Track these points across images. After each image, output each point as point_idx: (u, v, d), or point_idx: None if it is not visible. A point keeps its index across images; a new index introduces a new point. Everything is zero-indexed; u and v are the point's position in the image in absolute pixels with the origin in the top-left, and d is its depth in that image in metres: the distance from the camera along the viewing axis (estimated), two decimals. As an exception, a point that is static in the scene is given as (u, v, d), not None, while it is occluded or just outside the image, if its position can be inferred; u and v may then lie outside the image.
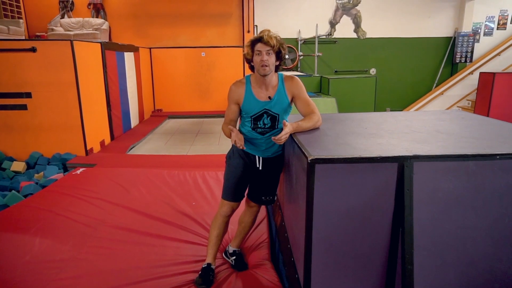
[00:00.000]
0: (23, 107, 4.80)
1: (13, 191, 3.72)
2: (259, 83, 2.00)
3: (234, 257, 2.39)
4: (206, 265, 2.22)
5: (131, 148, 5.63)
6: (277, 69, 2.02)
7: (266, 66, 1.89)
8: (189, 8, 8.57)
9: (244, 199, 2.31)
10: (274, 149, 2.13)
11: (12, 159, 4.80)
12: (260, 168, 2.14)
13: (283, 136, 1.84)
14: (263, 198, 2.27)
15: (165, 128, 7.27)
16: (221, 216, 2.22)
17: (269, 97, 2.00)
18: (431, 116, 2.37)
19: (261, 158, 2.13)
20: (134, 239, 2.72)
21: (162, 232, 2.82)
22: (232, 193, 2.17)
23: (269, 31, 1.91)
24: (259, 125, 2.05)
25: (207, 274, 2.17)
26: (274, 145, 2.11)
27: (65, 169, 4.66)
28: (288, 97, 2.04)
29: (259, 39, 1.89)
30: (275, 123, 2.05)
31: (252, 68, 2.00)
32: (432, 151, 1.57)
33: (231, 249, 2.45)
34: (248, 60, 1.98)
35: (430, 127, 2.05)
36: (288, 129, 1.86)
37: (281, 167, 2.24)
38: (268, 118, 2.03)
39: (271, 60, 1.90)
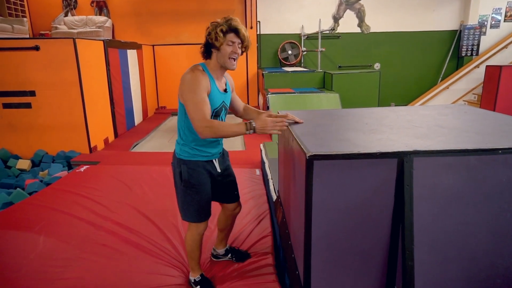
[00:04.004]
0: (28, 105, 4.84)
1: (18, 188, 3.76)
2: (217, 73, 1.84)
3: (230, 254, 2.38)
4: (201, 277, 2.14)
5: (135, 146, 5.65)
6: None
7: (235, 60, 1.78)
8: (192, 5, 8.55)
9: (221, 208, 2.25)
10: (221, 145, 2.05)
11: (17, 157, 4.85)
12: (219, 170, 2.02)
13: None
14: (235, 192, 2.19)
15: (169, 125, 7.28)
16: (200, 235, 2.06)
17: (225, 90, 1.90)
18: (433, 111, 2.34)
19: (217, 160, 2.00)
20: (137, 237, 2.73)
21: (166, 229, 2.83)
22: (207, 211, 2.02)
23: (239, 22, 1.76)
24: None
25: (210, 285, 2.14)
26: (221, 141, 2.03)
27: (70, 166, 4.70)
28: (231, 91, 1.99)
29: (235, 30, 1.74)
30: (224, 119, 1.96)
31: (207, 54, 1.83)
32: (432, 146, 1.55)
33: (221, 251, 2.39)
34: (213, 46, 1.76)
35: (431, 122, 2.02)
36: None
37: (228, 157, 2.15)
38: (224, 113, 1.93)
39: (239, 54, 1.78)
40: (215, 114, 1.87)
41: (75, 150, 4.97)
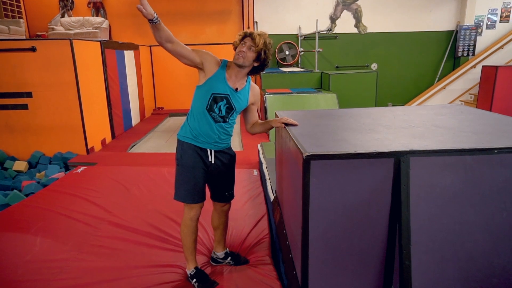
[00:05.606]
0: (24, 106, 4.81)
1: (14, 190, 3.74)
2: (231, 71, 2.01)
3: (230, 258, 2.38)
4: (196, 270, 2.17)
5: (132, 147, 5.64)
6: (253, 72, 2.04)
7: (242, 56, 1.94)
8: (189, 5, 8.55)
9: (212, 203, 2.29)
10: (224, 142, 2.11)
11: (14, 159, 4.82)
12: (213, 162, 2.09)
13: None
14: (226, 194, 2.24)
15: (166, 126, 7.27)
16: (193, 221, 2.11)
17: (236, 89, 2.02)
18: (430, 111, 2.35)
19: (212, 151, 2.07)
20: (135, 238, 2.73)
21: (163, 230, 2.82)
22: (200, 193, 2.09)
23: (265, 34, 1.97)
24: (215, 108, 2.00)
25: (206, 277, 2.16)
26: (225, 138, 2.10)
27: (67, 168, 4.68)
28: (249, 100, 2.10)
29: (249, 34, 1.96)
30: (227, 116, 2.03)
31: None
32: (429, 146, 1.55)
33: (220, 254, 2.39)
34: (235, 48, 2.03)
35: (428, 121, 2.03)
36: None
37: (234, 160, 2.21)
38: (225, 107, 2.01)
39: (249, 55, 1.94)
40: (214, 100, 1.99)
41: (72, 151, 4.96)
